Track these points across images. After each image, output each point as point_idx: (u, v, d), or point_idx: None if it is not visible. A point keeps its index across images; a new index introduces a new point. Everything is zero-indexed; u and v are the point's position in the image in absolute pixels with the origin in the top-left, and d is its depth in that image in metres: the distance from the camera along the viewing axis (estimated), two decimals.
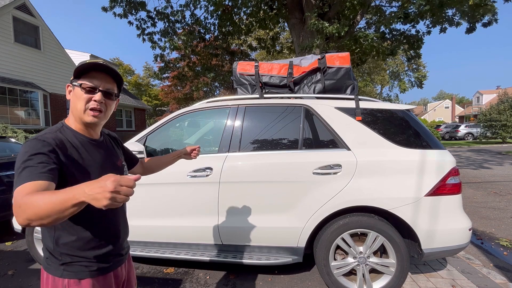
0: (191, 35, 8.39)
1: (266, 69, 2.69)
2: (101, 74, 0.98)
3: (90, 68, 0.95)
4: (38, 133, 0.90)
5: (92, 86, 0.95)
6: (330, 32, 6.11)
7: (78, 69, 0.94)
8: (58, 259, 0.93)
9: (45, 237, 0.94)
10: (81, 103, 0.95)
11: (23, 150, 0.84)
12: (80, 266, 0.94)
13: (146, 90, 35.22)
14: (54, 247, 0.93)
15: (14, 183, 0.79)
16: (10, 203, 2.88)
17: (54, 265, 0.93)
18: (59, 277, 0.92)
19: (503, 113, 18.83)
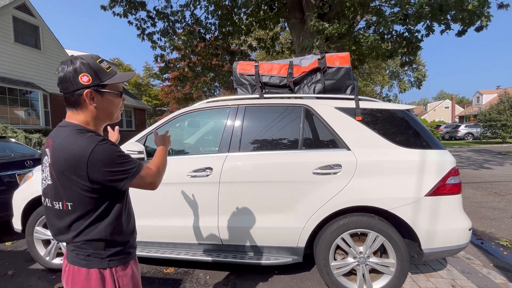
0: (191, 35, 8.39)
1: (266, 69, 2.69)
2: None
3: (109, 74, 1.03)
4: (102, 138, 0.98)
5: (122, 92, 1.09)
6: (330, 32, 6.11)
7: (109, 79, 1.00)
8: (103, 252, 1.00)
9: (91, 232, 0.98)
10: (117, 108, 1.07)
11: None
12: (123, 254, 1.05)
13: (146, 90, 35.23)
14: (103, 238, 0.99)
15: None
16: (10, 203, 2.89)
17: (98, 259, 0.99)
18: (106, 268, 0.99)
19: (503, 113, 18.84)
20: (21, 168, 3.85)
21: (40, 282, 2.55)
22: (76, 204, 0.96)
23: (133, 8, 8.09)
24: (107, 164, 0.94)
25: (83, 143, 0.92)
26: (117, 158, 0.96)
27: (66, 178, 0.94)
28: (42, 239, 2.72)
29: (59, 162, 0.94)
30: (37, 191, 2.69)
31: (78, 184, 0.94)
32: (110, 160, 0.94)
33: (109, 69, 1.01)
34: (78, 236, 0.98)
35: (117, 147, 0.99)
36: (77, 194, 0.95)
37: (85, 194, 0.95)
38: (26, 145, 5.22)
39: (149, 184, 1.08)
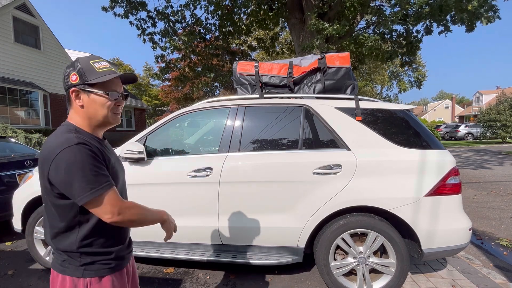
0: (191, 35, 8.39)
1: (266, 69, 2.69)
2: (116, 79, 1.00)
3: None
4: (84, 142, 0.90)
5: (118, 93, 0.99)
6: (330, 33, 6.11)
7: (96, 78, 0.94)
8: (78, 260, 0.94)
9: (63, 241, 0.94)
10: (105, 109, 0.97)
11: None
12: (100, 265, 0.96)
13: (146, 90, 35.23)
14: (76, 248, 0.93)
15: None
16: (10, 203, 2.88)
17: (73, 267, 0.94)
18: (80, 277, 0.93)
19: (503, 113, 18.83)
20: (21, 168, 3.85)
21: (40, 282, 2.55)
22: (48, 207, 0.94)
23: (134, 9, 8.09)
24: (69, 169, 0.85)
25: (60, 141, 0.88)
26: (83, 167, 0.86)
27: (41, 178, 0.91)
28: (42, 239, 2.72)
29: (40, 159, 0.91)
30: (37, 191, 2.69)
31: (44, 185, 0.91)
32: (74, 166, 0.85)
33: (102, 69, 0.96)
34: (53, 241, 0.96)
35: (94, 157, 0.89)
36: (46, 196, 0.92)
37: (50, 197, 0.91)
38: (26, 145, 5.22)
39: (114, 219, 0.90)
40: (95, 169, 0.88)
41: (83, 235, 0.93)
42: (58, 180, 0.86)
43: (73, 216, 0.92)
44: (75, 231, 0.94)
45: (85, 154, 0.87)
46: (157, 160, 2.49)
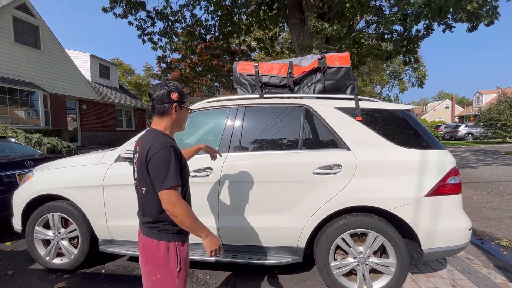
0: (191, 36, 8.39)
1: (266, 69, 2.69)
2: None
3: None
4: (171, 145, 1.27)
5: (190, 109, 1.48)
6: (330, 33, 6.11)
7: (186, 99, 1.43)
8: (170, 230, 1.30)
9: (159, 215, 1.29)
10: (186, 120, 1.48)
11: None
12: (182, 234, 1.33)
13: (146, 90, 35.21)
14: (169, 221, 1.28)
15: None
16: (10, 202, 2.89)
17: (166, 235, 1.29)
18: (171, 241, 1.29)
19: (503, 113, 18.83)
20: (21, 168, 3.85)
21: (40, 282, 2.55)
22: (147, 189, 1.29)
23: (133, 9, 8.09)
24: (160, 164, 1.21)
25: (160, 141, 1.25)
26: (164, 165, 1.21)
27: (142, 168, 1.27)
28: (42, 239, 2.72)
29: (142, 154, 1.27)
30: (37, 191, 2.69)
31: (143, 173, 1.27)
32: (164, 163, 1.21)
33: (185, 93, 1.43)
34: (150, 216, 1.30)
35: (175, 159, 1.24)
36: (147, 181, 1.27)
37: (150, 182, 1.26)
38: (26, 145, 5.22)
39: (165, 205, 1.21)
40: (174, 170, 1.22)
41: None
42: (152, 170, 1.23)
43: (152, 199, 1.28)
44: (156, 207, 1.28)
45: (173, 156, 1.24)
46: None
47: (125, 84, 32.23)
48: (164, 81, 1.40)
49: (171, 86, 1.37)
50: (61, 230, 2.68)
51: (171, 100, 1.34)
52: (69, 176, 2.66)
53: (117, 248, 2.58)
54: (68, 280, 2.57)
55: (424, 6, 5.56)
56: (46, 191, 2.67)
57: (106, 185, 2.51)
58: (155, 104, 1.37)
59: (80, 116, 14.42)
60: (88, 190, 2.56)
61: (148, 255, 1.29)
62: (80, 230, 2.61)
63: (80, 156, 2.92)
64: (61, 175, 2.70)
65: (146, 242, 1.30)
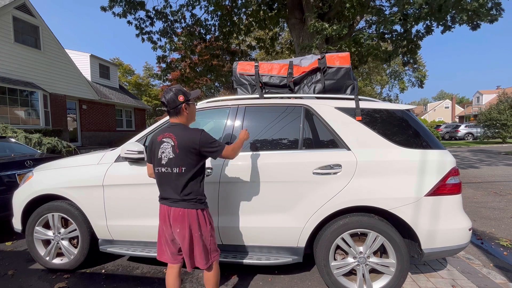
0: (191, 36, 8.38)
1: (266, 69, 2.69)
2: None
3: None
4: (202, 130, 1.81)
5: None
6: (330, 33, 6.11)
7: (191, 96, 1.87)
8: (202, 199, 1.81)
9: (195, 191, 1.77)
10: (195, 112, 1.99)
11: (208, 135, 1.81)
12: (206, 203, 1.85)
13: (146, 90, 35.18)
14: (200, 194, 1.80)
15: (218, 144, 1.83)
16: (10, 202, 2.89)
17: (199, 204, 1.78)
18: (203, 209, 1.81)
19: (503, 113, 18.82)
20: (21, 168, 3.85)
21: (40, 282, 2.55)
22: (187, 168, 1.73)
23: (132, 8, 8.08)
24: (207, 143, 1.76)
25: (195, 132, 1.77)
26: (211, 140, 1.78)
27: (185, 151, 1.71)
28: (42, 239, 2.72)
29: (184, 142, 1.72)
30: (37, 191, 2.69)
31: (191, 155, 1.73)
32: (208, 141, 1.77)
33: (188, 91, 1.86)
34: (191, 190, 1.76)
35: (209, 135, 1.80)
36: (189, 161, 1.73)
37: (193, 162, 1.74)
38: (26, 145, 5.22)
39: (228, 156, 1.90)
40: (214, 139, 1.81)
41: (202, 187, 1.82)
42: (207, 147, 1.75)
43: (201, 177, 1.82)
44: (200, 184, 1.81)
45: (207, 135, 1.79)
46: None
47: (125, 84, 32.21)
48: (168, 88, 1.79)
49: (176, 90, 1.78)
50: (61, 230, 2.68)
51: (179, 103, 1.77)
52: (69, 176, 2.66)
53: (117, 248, 2.58)
54: (68, 280, 2.57)
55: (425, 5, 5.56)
56: (46, 191, 2.67)
57: (106, 185, 2.51)
58: (169, 109, 1.79)
59: (80, 116, 14.42)
60: (88, 190, 2.56)
61: (190, 221, 1.75)
62: (80, 230, 2.61)
63: (80, 156, 2.92)
64: (61, 175, 2.70)
65: (186, 212, 1.74)
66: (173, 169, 1.72)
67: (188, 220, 1.74)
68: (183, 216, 1.73)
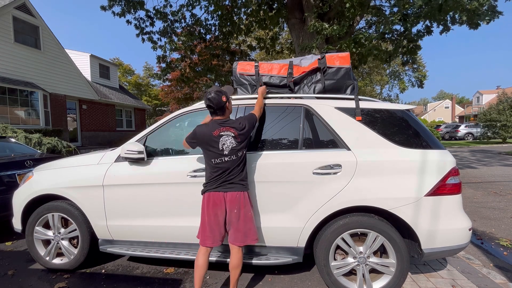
0: (191, 36, 8.37)
1: (266, 69, 2.69)
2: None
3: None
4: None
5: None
6: (330, 33, 6.10)
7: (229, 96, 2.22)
8: (248, 183, 2.16)
9: (244, 175, 2.13)
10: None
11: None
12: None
13: (146, 90, 35.21)
14: (246, 177, 2.15)
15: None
16: (10, 202, 2.89)
17: (246, 187, 2.12)
18: (247, 191, 2.14)
19: (503, 113, 18.83)
20: (21, 168, 3.85)
21: (40, 282, 2.55)
22: (237, 158, 2.07)
23: (132, 7, 8.06)
24: (253, 124, 2.19)
25: (251, 118, 2.20)
26: (255, 119, 2.23)
27: (242, 135, 2.08)
28: (42, 239, 2.72)
29: (239, 128, 2.08)
30: (37, 191, 2.69)
31: (241, 144, 2.09)
32: (255, 121, 2.22)
33: (226, 91, 2.19)
34: (244, 175, 2.12)
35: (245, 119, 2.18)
36: (240, 153, 2.09)
37: (243, 151, 2.11)
38: (26, 145, 5.22)
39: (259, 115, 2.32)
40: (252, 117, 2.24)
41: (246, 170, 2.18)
42: (253, 125, 2.20)
43: (245, 162, 2.15)
44: (245, 168, 2.15)
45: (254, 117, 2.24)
46: (157, 160, 2.49)
47: (125, 84, 32.22)
48: (214, 89, 2.10)
49: (218, 92, 2.07)
50: (61, 230, 2.68)
51: (225, 101, 2.08)
52: (69, 176, 2.66)
53: (117, 248, 2.58)
54: (68, 280, 2.57)
55: (425, 5, 5.55)
56: (46, 191, 2.67)
57: (106, 185, 2.51)
58: (217, 110, 2.09)
59: (80, 116, 14.42)
60: (88, 190, 2.56)
61: (244, 202, 2.06)
62: (80, 230, 2.61)
63: (80, 156, 2.92)
64: (61, 175, 2.70)
65: (241, 195, 2.06)
66: (233, 156, 2.05)
67: (241, 201, 2.05)
68: (236, 198, 2.04)
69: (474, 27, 6.38)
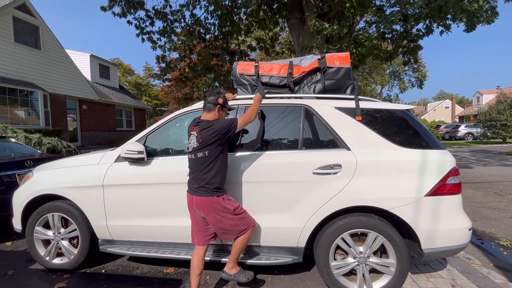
0: (190, 36, 8.36)
1: (266, 69, 2.69)
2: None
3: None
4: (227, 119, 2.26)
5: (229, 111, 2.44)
6: (330, 33, 6.10)
7: (228, 105, 2.32)
8: (222, 188, 2.13)
9: (207, 177, 2.06)
10: (224, 118, 2.30)
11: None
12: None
13: (146, 90, 35.20)
14: (221, 183, 2.10)
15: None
16: (10, 203, 2.89)
17: (221, 192, 2.10)
18: (225, 194, 2.12)
19: (503, 113, 18.82)
20: (21, 168, 3.85)
21: (40, 282, 2.55)
22: (203, 157, 2.06)
23: (132, 8, 8.06)
24: (226, 127, 2.08)
25: (226, 120, 2.15)
26: (233, 123, 2.12)
27: (219, 140, 2.06)
28: (42, 239, 2.72)
29: (204, 132, 2.06)
30: (37, 191, 2.69)
31: (218, 145, 2.06)
32: (232, 125, 2.10)
33: (228, 104, 2.28)
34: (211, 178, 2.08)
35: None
36: (218, 154, 2.08)
37: (224, 152, 2.13)
38: (26, 145, 5.22)
39: (245, 123, 2.19)
40: (232, 120, 2.16)
41: (223, 176, 2.15)
42: (235, 130, 2.12)
43: (213, 166, 2.08)
44: (214, 172, 2.08)
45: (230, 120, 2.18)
46: (157, 160, 2.49)
47: (125, 84, 32.21)
48: (219, 92, 2.21)
49: (220, 95, 2.20)
50: (61, 230, 2.68)
51: (217, 103, 2.18)
52: (69, 176, 2.66)
53: (117, 248, 2.58)
54: (68, 280, 2.57)
55: (425, 6, 5.55)
56: (46, 191, 2.67)
57: (106, 185, 2.51)
58: (204, 105, 2.19)
59: (80, 116, 14.42)
60: (88, 190, 2.56)
61: (207, 207, 2.08)
62: (80, 230, 2.61)
63: (80, 156, 2.92)
64: (61, 175, 2.70)
65: (203, 200, 2.07)
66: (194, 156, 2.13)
67: (205, 206, 2.09)
68: (201, 203, 2.08)
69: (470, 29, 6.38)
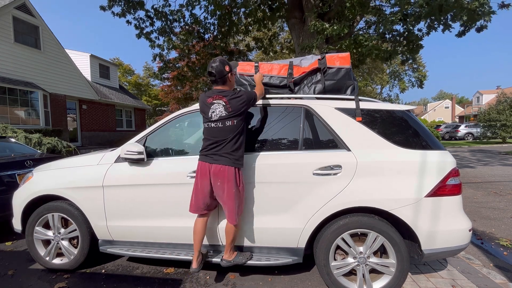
0: (190, 35, 8.36)
1: (266, 69, 2.68)
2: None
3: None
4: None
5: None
6: (330, 33, 6.11)
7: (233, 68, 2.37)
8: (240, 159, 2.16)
9: (231, 146, 2.10)
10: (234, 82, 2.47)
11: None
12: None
13: (146, 90, 35.19)
14: (241, 157, 2.16)
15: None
16: (10, 203, 2.89)
17: (241, 165, 2.16)
18: (241, 170, 2.20)
19: (503, 113, 18.82)
20: (21, 168, 3.85)
21: (40, 282, 2.55)
22: (232, 126, 2.12)
23: (132, 8, 8.07)
24: (250, 98, 2.19)
25: (250, 92, 2.23)
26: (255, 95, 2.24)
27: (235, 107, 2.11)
28: (42, 239, 2.72)
29: (234, 100, 2.12)
30: (37, 191, 2.69)
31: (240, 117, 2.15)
32: (254, 97, 2.22)
33: (231, 64, 2.27)
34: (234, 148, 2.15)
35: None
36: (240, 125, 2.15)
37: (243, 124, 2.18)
38: (26, 145, 5.22)
39: (260, 98, 2.34)
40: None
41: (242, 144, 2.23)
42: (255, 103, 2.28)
43: (238, 136, 2.18)
44: (238, 144, 2.17)
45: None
46: (157, 161, 2.49)
47: (125, 84, 32.21)
48: (219, 58, 2.18)
49: (223, 61, 2.18)
50: (61, 230, 2.68)
51: (228, 71, 2.19)
52: (69, 177, 2.66)
53: (117, 249, 2.58)
54: (68, 280, 2.57)
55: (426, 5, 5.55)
56: (46, 191, 2.67)
57: (106, 186, 2.51)
58: (218, 79, 2.17)
59: (80, 116, 14.42)
60: (88, 190, 2.56)
61: (228, 176, 2.12)
62: (80, 230, 2.61)
63: (80, 157, 2.92)
64: (61, 176, 2.70)
65: (225, 169, 2.11)
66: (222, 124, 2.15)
67: (227, 175, 2.13)
68: (223, 171, 2.10)
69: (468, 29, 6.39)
